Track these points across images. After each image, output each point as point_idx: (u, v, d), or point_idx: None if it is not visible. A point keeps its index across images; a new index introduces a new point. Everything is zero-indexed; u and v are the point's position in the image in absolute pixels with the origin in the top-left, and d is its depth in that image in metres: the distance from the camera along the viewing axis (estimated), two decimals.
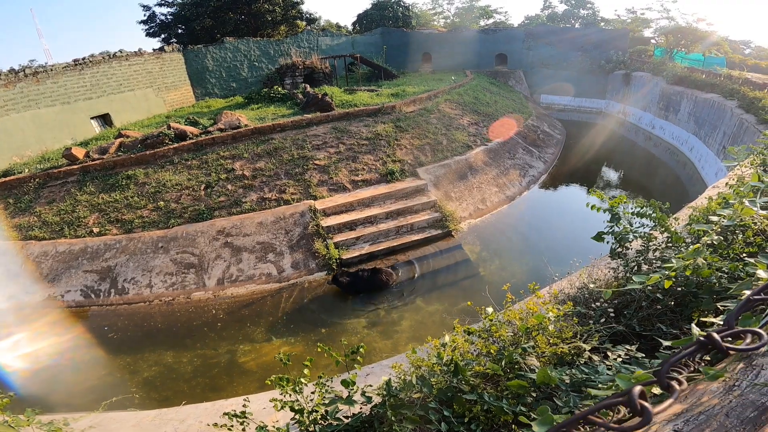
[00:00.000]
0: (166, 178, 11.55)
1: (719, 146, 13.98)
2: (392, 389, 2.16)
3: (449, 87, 19.24)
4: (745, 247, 2.85)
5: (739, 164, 6.79)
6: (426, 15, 38.88)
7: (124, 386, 6.87)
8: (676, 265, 1.62)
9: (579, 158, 17.82)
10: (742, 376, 0.88)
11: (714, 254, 2.71)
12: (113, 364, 7.47)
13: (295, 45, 25.37)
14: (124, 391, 6.61)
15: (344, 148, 12.97)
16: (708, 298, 2.14)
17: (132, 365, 7.43)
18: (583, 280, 3.15)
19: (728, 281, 2.25)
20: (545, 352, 1.99)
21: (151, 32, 30.69)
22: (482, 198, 12.64)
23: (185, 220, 10.50)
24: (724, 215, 1.81)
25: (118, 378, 7.13)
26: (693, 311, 2.22)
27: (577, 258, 4.47)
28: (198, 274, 9.48)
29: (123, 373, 7.25)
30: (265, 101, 18.55)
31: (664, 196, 13.44)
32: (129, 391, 6.67)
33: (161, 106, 19.99)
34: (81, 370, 7.31)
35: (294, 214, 10.65)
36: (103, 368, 7.39)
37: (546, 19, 35.50)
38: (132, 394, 6.59)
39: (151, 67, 19.48)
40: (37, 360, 7.61)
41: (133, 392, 6.68)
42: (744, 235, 2.91)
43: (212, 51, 22.61)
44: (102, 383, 7.00)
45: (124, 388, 6.77)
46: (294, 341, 7.77)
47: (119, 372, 7.27)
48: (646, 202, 3.23)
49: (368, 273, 8.93)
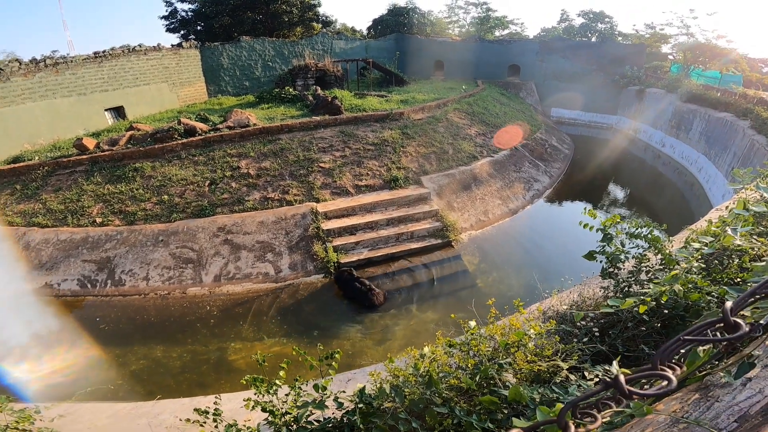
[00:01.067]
0: (172, 172, 11.64)
1: (728, 167, 13.79)
2: (365, 397, 2.13)
3: (459, 96, 19.27)
4: (740, 272, 2.80)
5: (745, 187, 6.69)
6: (441, 23, 39.09)
7: (108, 378, 6.85)
8: (652, 290, 1.58)
9: (586, 174, 17.71)
10: (694, 407, 0.85)
11: (707, 278, 2.66)
12: (100, 355, 7.45)
13: (310, 47, 25.60)
14: (107, 382, 6.61)
15: (350, 153, 13.00)
16: (693, 322, 2.10)
17: (120, 357, 7.41)
18: (573, 298, 3.10)
19: (716, 305, 2.20)
20: (522, 369, 1.95)
21: (171, 28, 31.22)
22: (485, 210, 12.58)
23: (187, 215, 10.56)
24: (705, 242, 1.77)
25: (104, 369, 7.10)
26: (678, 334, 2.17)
27: (573, 275, 4.41)
28: (195, 269, 9.51)
29: (110, 364, 7.23)
30: (275, 101, 18.70)
31: (669, 216, 13.36)
32: (114, 383, 6.65)
33: (174, 101, 20.25)
34: (66, 360, 7.28)
35: (295, 215, 10.67)
36: (89, 359, 7.35)
37: (562, 32, 35.49)
38: (115, 386, 6.58)
39: (167, 62, 19.77)
40: (23, 350, 7.55)
41: (119, 384, 6.67)
42: (740, 260, 2.85)
43: (228, 49, 22.90)
44: (86, 375, 6.95)
45: (107, 380, 6.75)
46: (286, 342, 7.74)
47: (106, 363, 7.25)
48: (642, 223, 3.18)
49: (365, 288, 8.73)
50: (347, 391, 2.85)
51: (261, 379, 2.49)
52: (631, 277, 3.09)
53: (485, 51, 28.33)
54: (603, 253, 3.21)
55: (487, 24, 38.22)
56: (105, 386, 6.54)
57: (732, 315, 0.77)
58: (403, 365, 2.33)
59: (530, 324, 2.22)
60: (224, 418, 2.43)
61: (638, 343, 2.14)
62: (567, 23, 37.32)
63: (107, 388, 6.49)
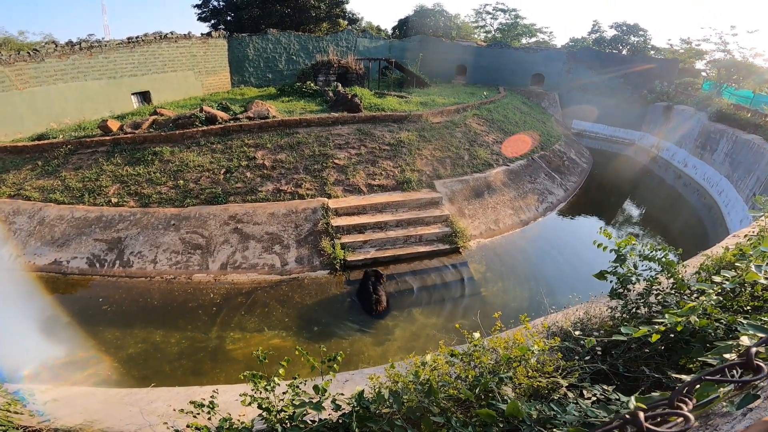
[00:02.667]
0: (190, 158, 11.81)
1: (750, 192, 13.41)
2: (363, 401, 2.12)
3: (479, 102, 19.13)
4: (751, 300, 2.73)
5: (765, 215, 6.50)
6: (467, 27, 38.84)
7: (104, 361, 6.94)
8: (668, 320, 1.55)
9: (602, 190, 17.44)
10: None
11: (717, 305, 2.60)
12: (99, 337, 7.53)
13: (334, 43, 25.69)
14: (103, 366, 6.70)
15: (365, 151, 13.02)
16: (699, 347, 2.04)
17: (119, 340, 7.50)
18: (579, 315, 3.05)
19: (724, 333, 2.15)
20: (522, 384, 1.92)
21: (203, 17, 31.76)
22: (496, 219, 12.48)
23: (200, 201, 10.70)
24: (727, 277, 1.72)
25: (101, 352, 7.18)
26: (681, 358, 2.12)
27: (580, 292, 4.34)
28: (203, 256, 9.62)
29: (108, 347, 7.31)
30: (296, 95, 18.83)
31: (684, 238, 13.09)
32: (110, 367, 6.75)
33: (198, 89, 20.59)
34: (64, 341, 7.35)
35: (306, 209, 10.73)
36: (87, 342, 7.41)
37: (592, 43, 34.93)
38: (111, 371, 6.66)
39: (196, 50, 20.14)
40: (23, 330, 7.55)
41: (115, 368, 6.75)
42: (753, 289, 2.78)
43: (255, 40, 23.15)
44: (84, 356, 7.03)
45: (104, 364, 6.85)
46: (285, 335, 7.78)
47: (103, 346, 7.32)
48: (657, 246, 3.12)
49: (373, 294, 8.58)
50: (345, 391, 2.85)
51: (260, 376, 2.50)
52: (640, 300, 3.03)
53: (509, 58, 28.05)
54: (614, 274, 3.16)
55: (515, 31, 37.86)
56: (101, 370, 6.63)
57: (755, 358, 0.75)
58: (404, 371, 2.31)
59: (534, 339, 2.19)
60: (218, 411, 2.45)
61: (639, 364, 2.09)
62: (598, 34, 36.74)
63: (103, 372, 6.58)
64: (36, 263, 9.41)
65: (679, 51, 29.31)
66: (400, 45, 29.31)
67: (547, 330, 2.96)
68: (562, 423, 1.43)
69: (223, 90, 22.09)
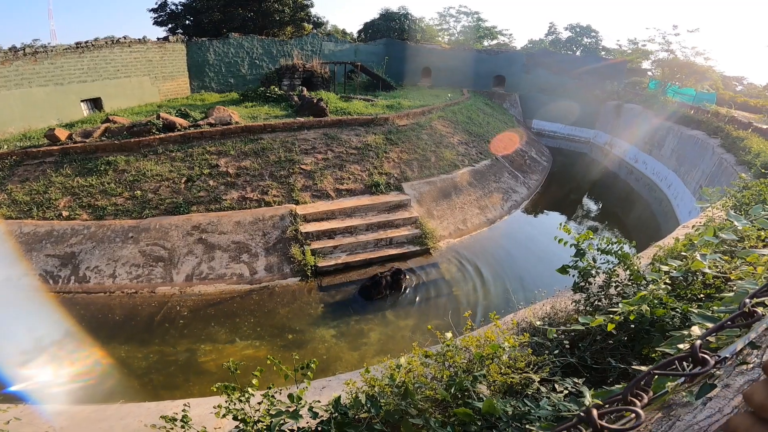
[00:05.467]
0: (147, 167, 11.30)
1: (696, 185, 14.35)
2: (341, 407, 2.12)
3: (444, 104, 19.49)
4: (703, 288, 2.94)
5: (712, 206, 7.01)
6: (431, 30, 39.44)
7: (65, 379, 6.53)
8: (621, 309, 1.65)
9: (562, 187, 18.23)
10: (657, 426, 0.89)
11: (672, 294, 2.78)
12: (58, 354, 7.10)
13: (299, 47, 25.44)
14: (63, 384, 6.30)
15: (332, 156, 12.95)
16: (659, 336, 2.19)
17: (80, 358, 7.07)
18: (546, 310, 3.18)
19: (681, 321, 2.31)
20: (496, 381, 1.98)
21: (159, 21, 30.53)
22: (463, 219, 12.75)
23: (160, 211, 10.25)
24: (675, 266, 1.86)
25: (62, 369, 6.76)
26: (644, 347, 2.26)
27: (546, 287, 4.52)
28: (166, 268, 9.23)
29: (67, 364, 6.89)
30: (260, 100, 18.45)
31: (638, 231, 13.88)
32: (71, 384, 6.35)
33: (155, 95, 19.77)
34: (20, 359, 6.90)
35: (274, 216, 10.53)
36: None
37: (549, 45, 36.31)
38: (74, 388, 6.28)
39: (152, 55, 19.35)
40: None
41: (80, 385, 6.38)
42: (704, 277, 3.00)
43: (216, 45, 22.54)
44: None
45: (64, 381, 6.43)
46: (259, 345, 7.60)
47: (63, 363, 6.90)
48: (612, 240, 3.30)
49: (376, 287, 9.02)
50: (322, 398, 2.83)
51: (233, 387, 2.44)
52: (600, 292, 3.20)
53: (472, 60, 28.80)
54: (575, 268, 3.31)
55: (477, 33, 38.82)
56: (61, 387, 6.23)
57: (700, 351, 0.81)
58: (379, 375, 2.32)
59: (504, 337, 2.26)
60: (192, 425, 2.36)
61: (606, 356, 2.21)
62: (554, 36, 38.27)
63: (64, 390, 6.19)
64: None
65: (627, 51, 30.88)
66: (366, 49, 29.42)
67: (516, 326, 3.06)
68: (537, 418, 1.49)
69: (182, 96, 21.33)
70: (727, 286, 2.38)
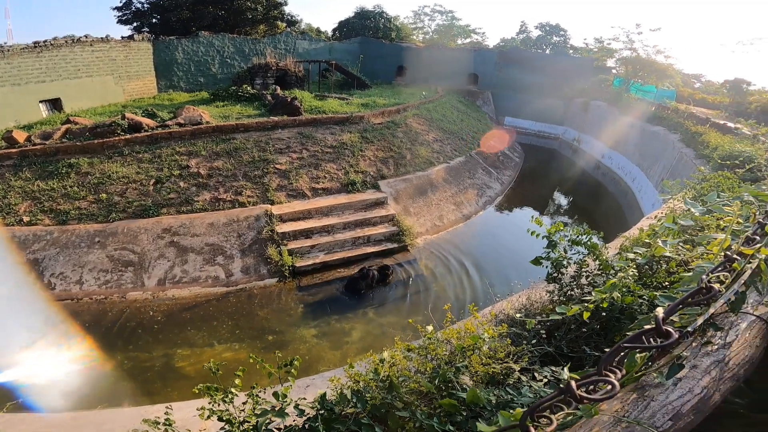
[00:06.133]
0: (113, 169, 10.85)
1: (659, 178, 15.06)
2: (326, 403, 2.13)
3: (419, 102, 19.64)
4: (667, 276, 3.12)
5: (673, 197, 7.40)
6: (406, 29, 39.62)
7: (34, 387, 6.23)
8: (594, 297, 1.74)
9: (533, 182, 18.75)
10: (633, 407, 0.96)
11: (639, 282, 2.94)
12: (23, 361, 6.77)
13: (272, 45, 24.99)
14: (33, 392, 6.00)
15: (307, 155, 12.83)
16: (629, 323, 2.32)
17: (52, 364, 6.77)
18: (522, 301, 3.29)
19: (648, 308, 2.45)
20: (478, 372, 2.05)
21: (124, 19, 29.27)
22: (440, 215, 12.92)
23: (128, 215, 9.88)
24: (639, 253, 1.97)
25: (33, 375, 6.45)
26: (616, 335, 2.39)
27: (522, 279, 4.67)
28: (137, 272, 8.92)
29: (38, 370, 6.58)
30: (232, 99, 18.02)
31: (606, 223, 14.44)
32: (40, 392, 6.06)
33: (119, 95, 19.01)
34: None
35: (249, 217, 10.34)
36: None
37: (520, 44, 37.11)
38: (45, 396, 5.99)
39: (115, 54, 18.59)
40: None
41: (55, 392, 6.09)
42: (668, 265, 3.18)
43: (184, 44, 21.84)
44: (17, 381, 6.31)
45: (32, 389, 6.14)
46: (238, 347, 7.49)
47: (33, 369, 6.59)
48: (582, 231, 3.45)
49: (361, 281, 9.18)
50: (307, 396, 2.82)
51: (215, 388, 2.41)
52: (573, 282, 3.33)
53: (447, 58, 29.12)
54: (548, 259, 3.43)
55: (451, 32, 39.26)
56: (36, 394, 5.94)
57: (663, 324, 0.89)
58: (363, 370, 2.35)
59: (484, 328, 2.33)
60: (176, 428, 2.32)
61: (581, 344, 2.32)
62: (525, 35, 39.11)
63: (35, 398, 5.90)
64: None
65: (593, 50, 31.91)
66: (341, 47, 29.26)
67: (494, 318, 3.15)
68: (519, 405, 1.56)
69: (149, 96, 20.61)
70: (689, 272, 2.53)
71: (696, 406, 0.97)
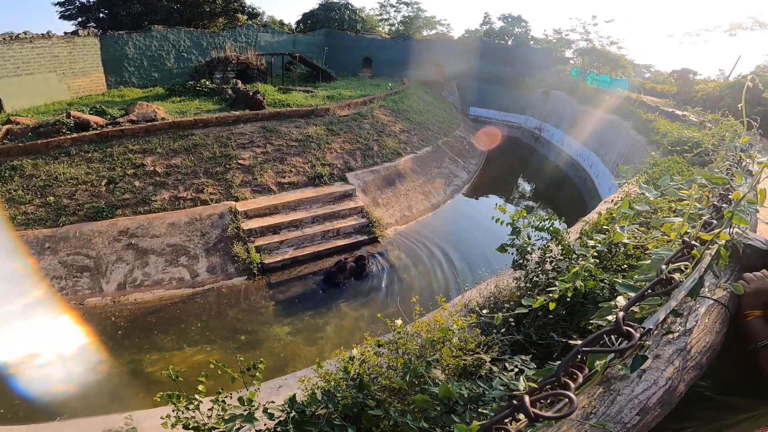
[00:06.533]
0: (60, 170, 10.13)
1: (614, 163, 15.81)
2: (297, 405, 2.08)
3: (385, 93, 19.54)
4: (626, 259, 3.25)
5: (627, 182, 7.76)
6: (372, 20, 39.21)
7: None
8: (559, 287, 1.78)
9: (498, 170, 19.19)
10: (600, 402, 0.96)
11: (599, 266, 3.05)
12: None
13: (232, 39, 24.06)
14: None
15: (272, 149, 12.49)
16: (592, 308, 2.39)
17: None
18: (490, 289, 3.35)
19: (609, 291, 2.54)
20: (450, 365, 2.05)
21: (67, 15, 27.19)
22: (408, 205, 12.98)
23: (80, 218, 9.28)
24: (599, 240, 2.03)
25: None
26: (581, 319, 2.47)
27: (490, 267, 4.76)
28: (94, 278, 8.43)
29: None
30: (189, 94, 17.21)
31: (567, 207, 15.02)
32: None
33: (64, 93, 17.77)
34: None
35: (212, 215, 9.98)
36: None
37: (484, 35, 37.58)
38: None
39: (58, 51, 17.34)
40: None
41: (8, 405, 5.68)
42: (625, 248, 3.31)
43: (136, 38, 20.61)
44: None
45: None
46: (210, 349, 7.26)
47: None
48: (544, 216, 3.53)
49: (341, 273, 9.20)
50: (279, 397, 2.76)
51: (177, 396, 2.30)
52: (538, 268, 3.41)
53: (412, 50, 29.10)
54: (513, 246, 3.49)
55: (417, 23, 39.22)
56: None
57: (623, 323, 0.87)
58: (334, 369, 2.31)
59: (453, 319, 2.34)
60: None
61: (548, 331, 2.38)
62: (489, 26, 39.62)
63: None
64: None
65: (552, 41, 32.90)
66: (306, 39, 28.60)
67: (464, 307, 3.18)
68: (491, 399, 1.57)
69: (97, 92, 19.44)
70: (646, 255, 2.64)
71: (662, 398, 0.98)
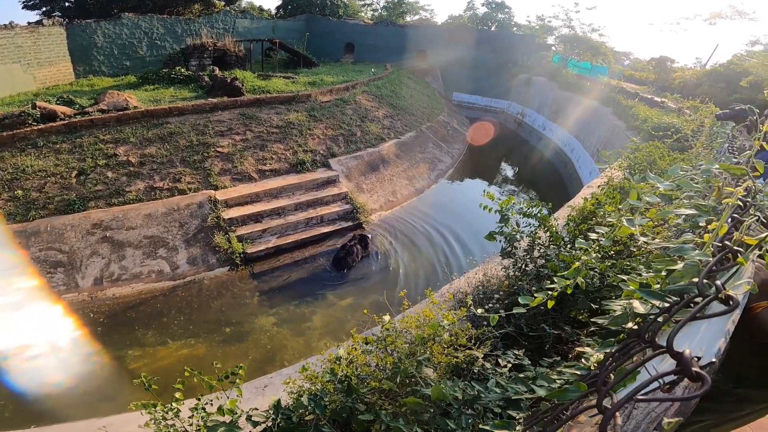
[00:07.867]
0: (27, 163, 9.59)
1: (594, 149, 16.03)
2: (282, 410, 1.98)
3: (368, 79, 19.17)
4: (613, 245, 3.23)
5: (609, 166, 7.80)
6: (354, 5, 38.15)
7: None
8: (558, 285, 1.70)
9: (482, 155, 19.20)
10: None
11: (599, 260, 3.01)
12: None
13: (208, 25, 23.11)
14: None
15: (252, 136, 12.11)
16: (583, 298, 2.35)
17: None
18: (479, 278, 3.29)
19: (599, 281, 2.50)
20: (441, 363, 1.98)
21: (30, 5, 25.56)
22: (393, 190, 12.86)
23: (50, 211, 8.85)
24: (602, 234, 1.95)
25: None
26: (571, 310, 2.42)
27: (476, 254, 4.72)
28: (68, 273, 8.09)
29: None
30: (163, 82, 16.48)
31: (550, 192, 15.15)
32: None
33: (29, 84, 16.89)
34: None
35: (190, 204, 9.66)
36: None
37: (467, 20, 37.16)
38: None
39: (22, 41, 16.41)
40: None
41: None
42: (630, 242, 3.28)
43: (105, 27, 19.56)
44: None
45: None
46: (194, 343, 7.09)
47: None
48: (533, 203, 3.47)
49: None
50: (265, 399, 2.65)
51: (153, 404, 2.18)
52: (526, 256, 3.37)
53: (395, 35, 28.57)
54: (501, 234, 3.44)
55: (400, 9, 38.41)
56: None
57: (692, 362, 0.67)
58: (320, 369, 2.21)
59: (443, 314, 2.26)
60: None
61: (539, 322, 2.33)
62: (472, 12, 39.09)
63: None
64: None
65: (535, 27, 32.80)
66: (286, 25, 27.75)
67: (453, 299, 3.11)
68: (487, 402, 1.49)
69: (65, 82, 18.52)
70: (654, 251, 2.57)
71: (679, 409, 0.91)
